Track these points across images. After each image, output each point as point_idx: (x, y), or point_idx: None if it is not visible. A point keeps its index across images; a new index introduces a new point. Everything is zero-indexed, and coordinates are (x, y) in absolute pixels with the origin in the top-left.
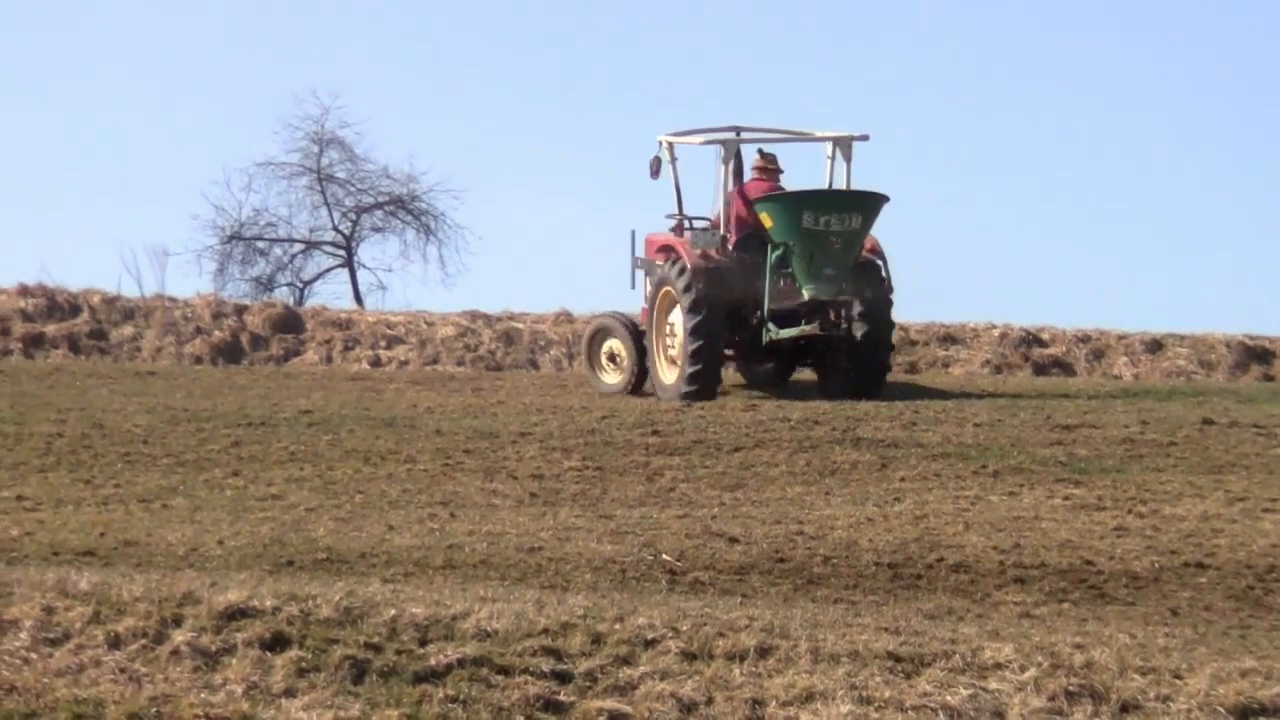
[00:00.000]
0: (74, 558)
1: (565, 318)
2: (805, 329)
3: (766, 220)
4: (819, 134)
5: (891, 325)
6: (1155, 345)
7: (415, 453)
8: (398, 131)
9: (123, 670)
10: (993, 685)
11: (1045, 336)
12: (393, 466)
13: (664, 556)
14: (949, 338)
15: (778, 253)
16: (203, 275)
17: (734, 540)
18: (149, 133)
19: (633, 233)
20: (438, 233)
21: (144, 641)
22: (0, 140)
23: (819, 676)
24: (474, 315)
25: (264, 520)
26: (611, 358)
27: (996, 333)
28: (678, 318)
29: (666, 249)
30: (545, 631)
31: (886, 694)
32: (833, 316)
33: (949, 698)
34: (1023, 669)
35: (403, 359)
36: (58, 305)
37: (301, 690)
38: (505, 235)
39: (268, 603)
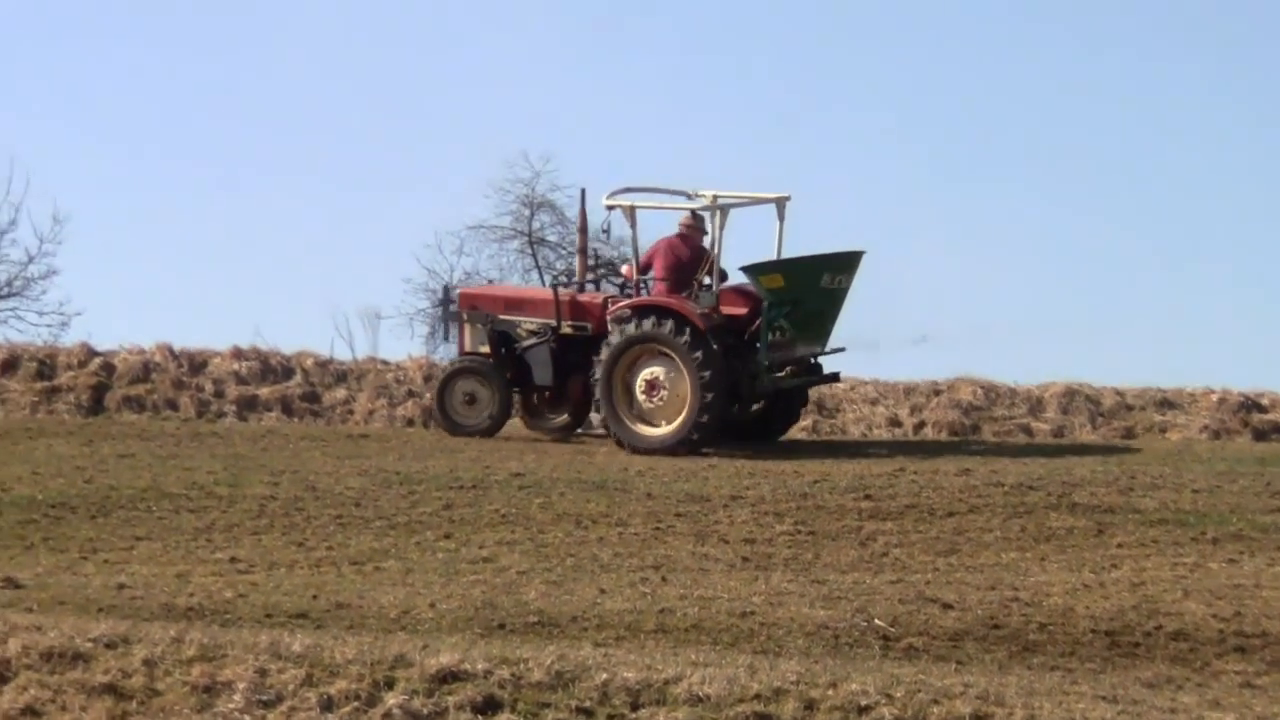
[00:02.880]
0: (287, 620)
1: None
2: (813, 379)
3: (775, 280)
4: (766, 195)
5: None
6: None
7: (626, 516)
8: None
9: None
10: None
11: (1265, 401)
12: (604, 530)
13: (877, 622)
14: (1166, 402)
15: (783, 309)
16: (414, 338)
17: (948, 606)
18: (361, 196)
19: (445, 288)
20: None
21: (356, 704)
22: (214, 203)
23: None
24: None
25: (475, 583)
26: (470, 400)
27: (1215, 398)
28: (664, 372)
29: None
30: (758, 697)
31: None
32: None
33: None
34: None
35: None
36: (271, 368)
37: None
38: None
39: (479, 666)
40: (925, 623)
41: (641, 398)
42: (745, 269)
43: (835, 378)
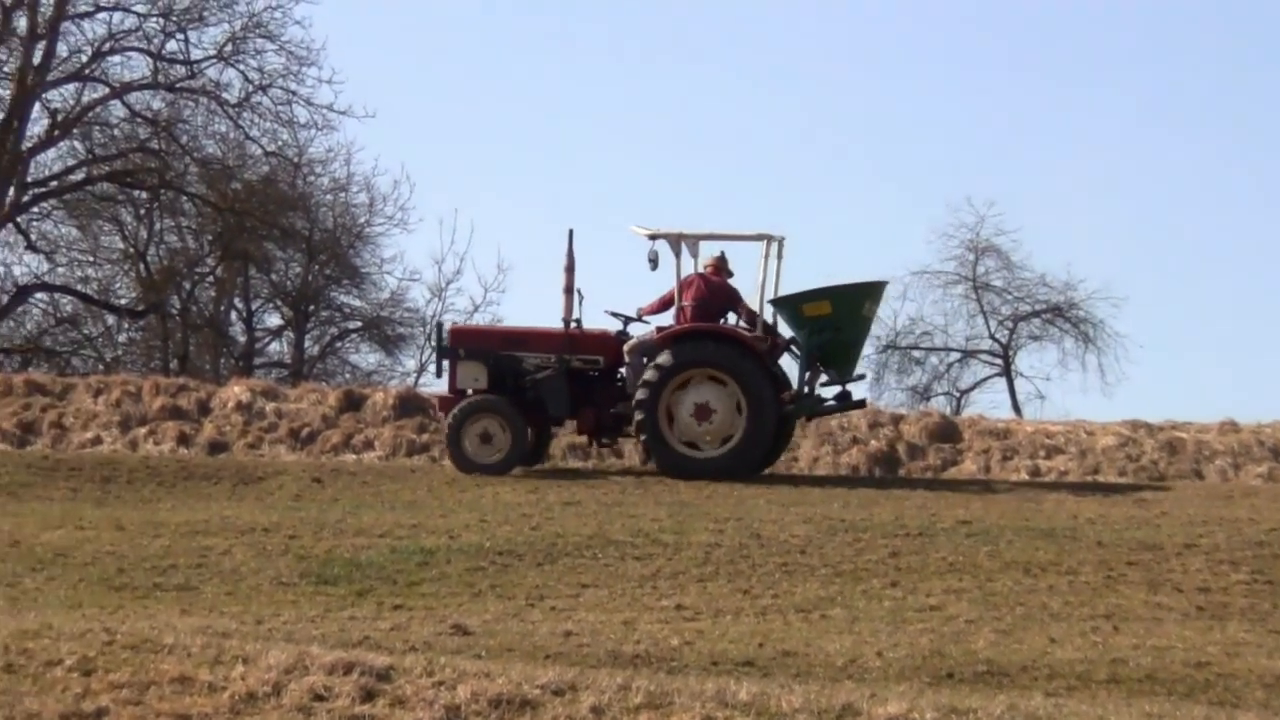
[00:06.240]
0: (733, 667)
1: (1230, 427)
2: (844, 405)
3: (822, 308)
4: (759, 233)
5: None
6: None
7: (1077, 564)
8: (1055, 238)
9: None
10: None
11: None
12: (1053, 578)
13: None
14: None
15: (823, 336)
16: (858, 385)
17: None
18: (803, 243)
19: (439, 325)
20: (1097, 341)
21: None
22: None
23: None
24: (1135, 425)
25: (923, 631)
26: (485, 438)
27: None
28: (714, 397)
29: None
30: None
31: None
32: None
33: None
34: None
35: (1062, 469)
36: None
37: None
38: (1168, 343)
39: (928, 715)
40: None
41: (691, 422)
42: (788, 298)
43: (861, 404)
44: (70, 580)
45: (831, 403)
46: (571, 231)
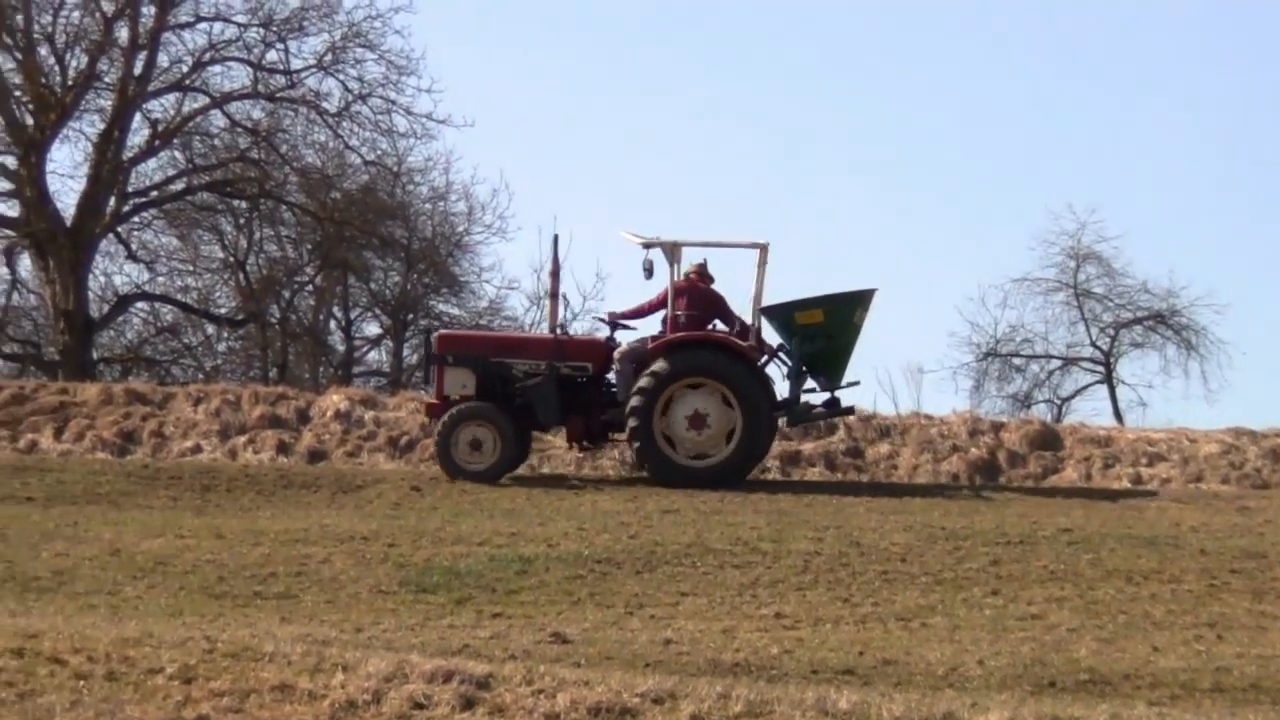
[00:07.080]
0: (833, 676)
1: None
2: (833, 412)
3: (815, 316)
4: (753, 241)
5: None
6: None
7: (1179, 572)
8: (1157, 245)
9: None
10: None
11: None
12: (1156, 586)
13: None
14: None
15: (816, 344)
16: (958, 392)
17: None
18: (904, 251)
19: (428, 334)
20: (1199, 348)
21: None
22: None
23: None
24: (1238, 432)
25: (1024, 640)
26: (475, 445)
27: None
28: (708, 406)
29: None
30: None
31: None
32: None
33: None
34: None
35: (1164, 477)
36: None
37: None
38: (1271, 349)
39: None
40: None
41: (685, 430)
42: (781, 306)
43: (850, 411)
44: (171, 588)
45: (820, 409)
46: (556, 237)
